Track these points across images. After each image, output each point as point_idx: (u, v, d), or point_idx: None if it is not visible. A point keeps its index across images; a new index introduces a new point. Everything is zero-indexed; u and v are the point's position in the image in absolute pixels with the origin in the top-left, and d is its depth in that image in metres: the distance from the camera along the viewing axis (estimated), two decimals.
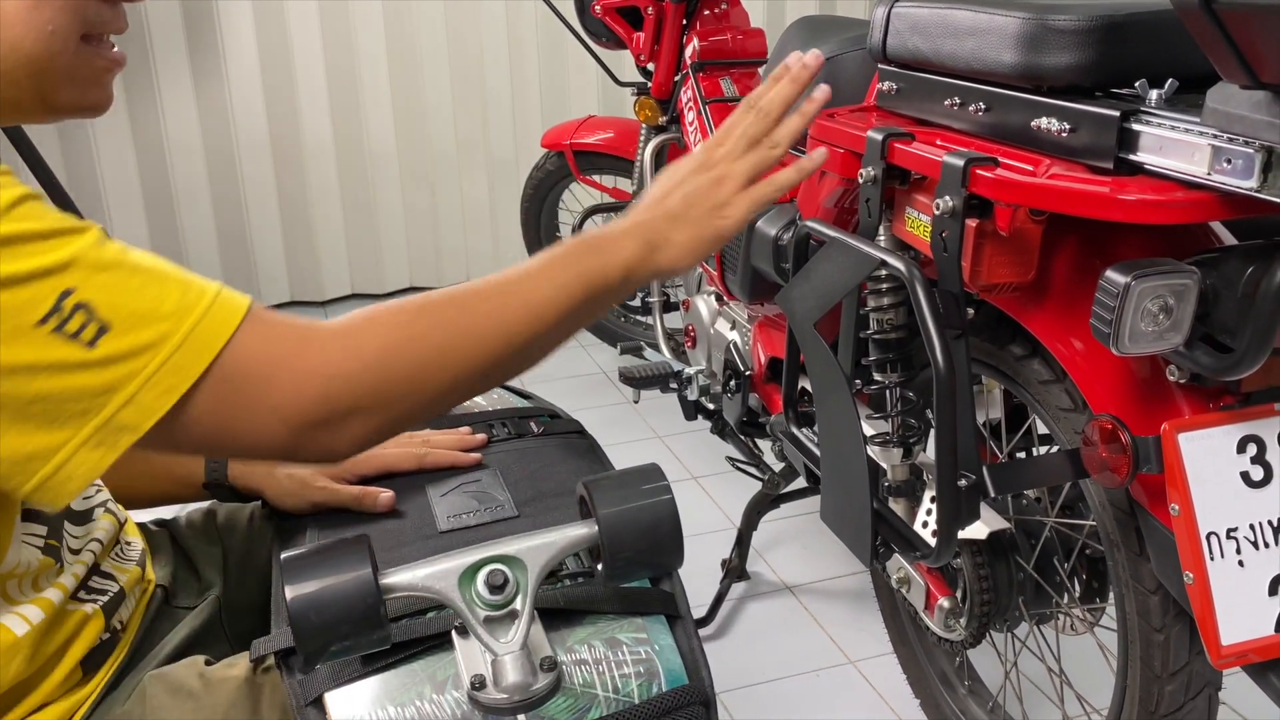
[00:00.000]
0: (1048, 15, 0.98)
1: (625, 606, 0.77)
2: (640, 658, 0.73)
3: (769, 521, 2.01)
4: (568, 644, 0.73)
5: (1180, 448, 0.93)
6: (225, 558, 1.01)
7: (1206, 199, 0.84)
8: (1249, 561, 0.93)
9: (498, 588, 0.68)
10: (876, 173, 1.13)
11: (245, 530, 1.03)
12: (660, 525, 0.71)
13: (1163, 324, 0.88)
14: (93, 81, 0.73)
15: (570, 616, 0.76)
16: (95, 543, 0.84)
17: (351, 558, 0.66)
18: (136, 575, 0.88)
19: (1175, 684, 1.09)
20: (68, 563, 0.80)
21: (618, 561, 0.71)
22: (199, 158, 3.20)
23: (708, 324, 1.97)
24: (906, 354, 1.26)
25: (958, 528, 1.04)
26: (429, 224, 3.45)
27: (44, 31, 0.68)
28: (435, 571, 0.68)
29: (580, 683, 0.70)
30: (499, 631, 0.67)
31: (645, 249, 0.81)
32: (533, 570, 0.69)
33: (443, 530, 0.87)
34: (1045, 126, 0.97)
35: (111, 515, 0.88)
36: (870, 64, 1.30)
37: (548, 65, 3.39)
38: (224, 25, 3.11)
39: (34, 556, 0.77)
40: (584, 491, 0.72)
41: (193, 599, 0.95)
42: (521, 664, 0.67)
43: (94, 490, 0.88)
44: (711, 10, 2.14)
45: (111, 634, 0.83)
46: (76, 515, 0.85)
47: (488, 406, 1.11)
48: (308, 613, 0.64)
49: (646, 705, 0.69)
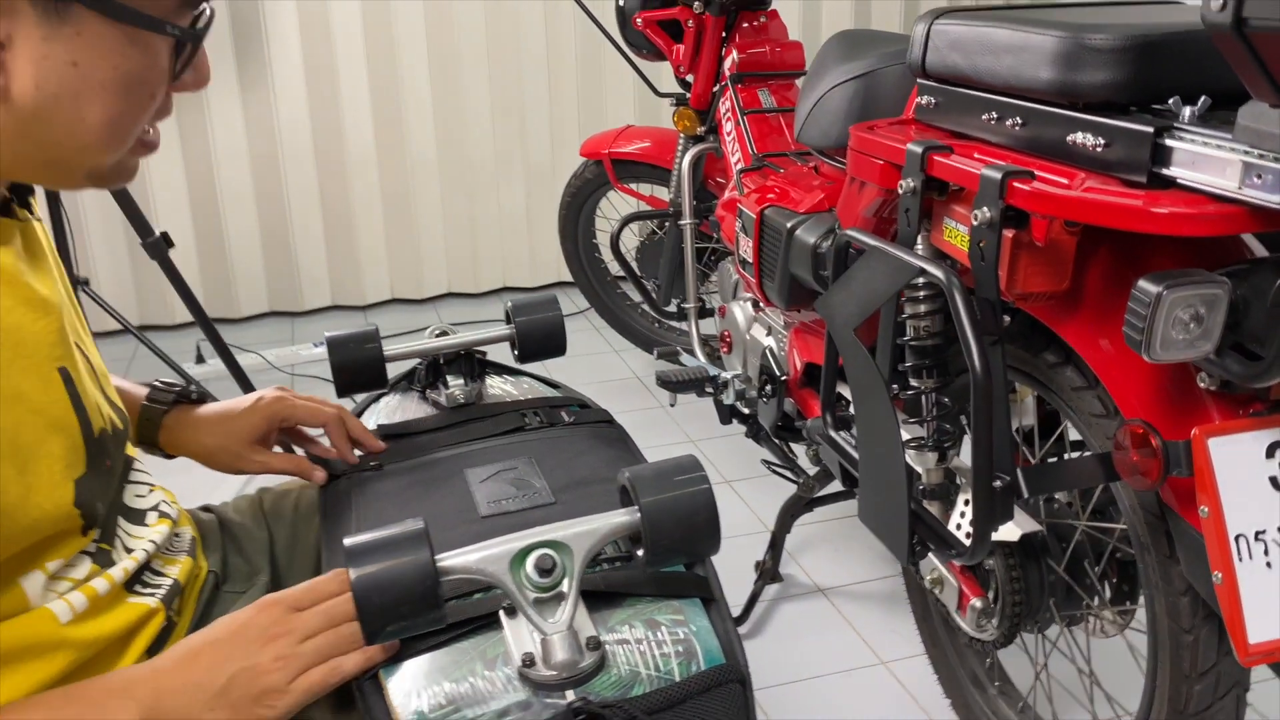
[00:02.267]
0: (1084, 34, 1.02)
1: (663, 590, 0.79)
2: (679, 638, 0.75)
3: (802, 525, 2.05)
4: (609, 625, 0.76)
5: (1210, 452, 0.96)
6: (272, 544, 1.04)
7: (1237, 213, 0.88)
8: (1276, 563, 0.96)
9: (546, 571, 0.72)
10: (916, 184, 1.17)
11: (291, 517, 1.07)
12: (698, 514, 0.75)
13: (1193, 332, 0.92)
14: (128, 166, 0.77)
15: (610, 599, 0.78)
16: (149, 542, 0.87)
17: (411, 542, 0.70)
18: (189, 565, 0.91)
19: (1204, 684, 1.12)
20: (119, 560, 0.83)
21: (658, 548, 0.75)
22: (245, 165, 3.28)
23: (743, 330, 2.00)
24: (942, 360, 1.29)
25: (992, 527, 1.07)
26: (467, 231, 3.51)
27: (116, 139, 0.72)
28: (488, 555, 0.72)
29: (623, 661, 0.73)
30: (547, 612, 0.71)
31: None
32: (579, 555, 0.73)
33: (484, 515, 0.90)
34: (1080, 141, 1.01)
35: (166, 518, 0.91)
36: (908, 78, 1.34)
37: (585, 76, 3.45)
38: (270, 36, 3.19)
39: (85, 565, 0.79)
40: (626, 481, 0.76)
41: (242, 584, 0.98)
42: (569, 643, 0.70)
43: (147, 490, 0.92)
44: (750, 23, 2.19)
45: (169, 623, 0.86)
46: (133, 514, 0.88)
47: (520, 396, 1.15)
48: (371, 593, 0.68)
49: (687, 683, 0.72)
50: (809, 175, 1.83)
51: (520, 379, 1.19)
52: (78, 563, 0.79)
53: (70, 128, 0.68)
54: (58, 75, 0.66)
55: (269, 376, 2.94)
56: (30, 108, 0.66)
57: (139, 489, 0.91)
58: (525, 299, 1.16)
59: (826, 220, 1.58)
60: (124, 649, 0.81)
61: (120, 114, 0.70)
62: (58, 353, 0.76)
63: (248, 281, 3.39)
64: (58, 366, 0.76)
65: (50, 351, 0.75)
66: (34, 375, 0.73)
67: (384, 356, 1.10)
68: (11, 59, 0.64)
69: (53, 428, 0.74)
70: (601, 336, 3.16)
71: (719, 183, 2.41)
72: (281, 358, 3.10)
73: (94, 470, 0.78)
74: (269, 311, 3.47)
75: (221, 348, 2.17)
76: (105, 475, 0.81)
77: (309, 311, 3.49)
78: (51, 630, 0.74)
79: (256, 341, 3.23)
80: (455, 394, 1.12)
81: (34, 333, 0.74)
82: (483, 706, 0.70)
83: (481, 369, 1.17)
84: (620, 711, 0.68)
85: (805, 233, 1.59)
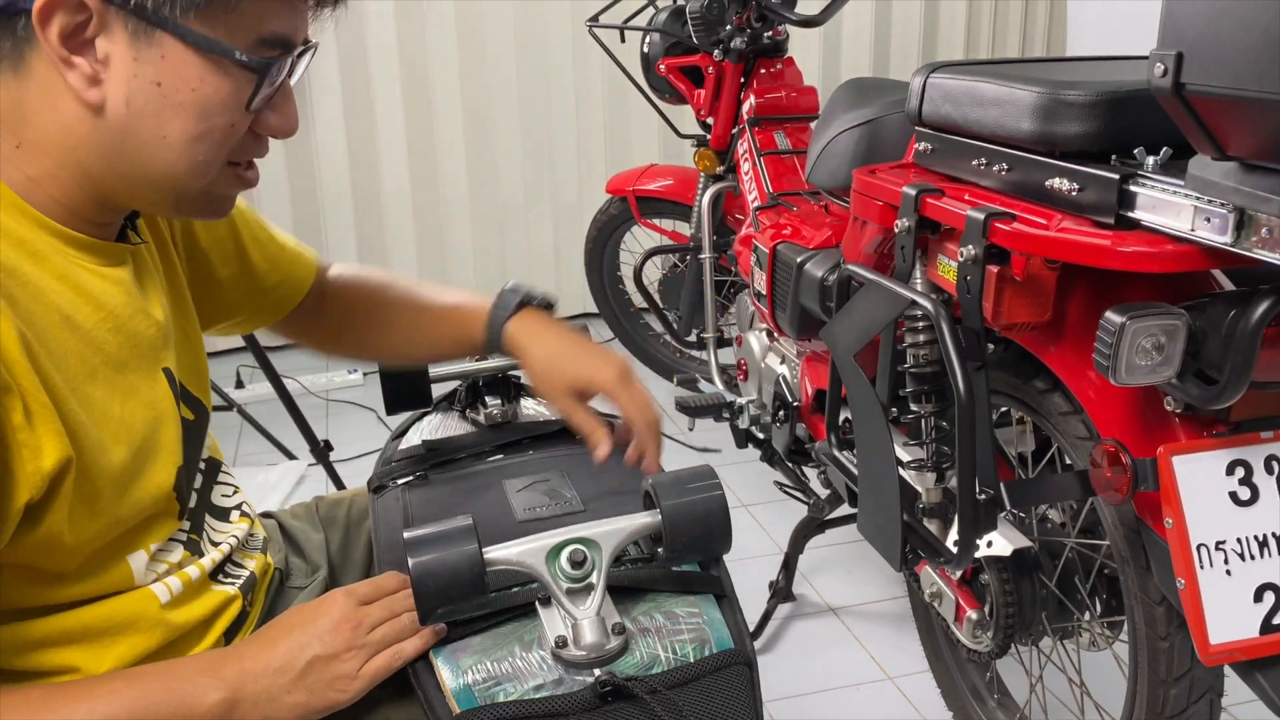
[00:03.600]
0: (1060, 90, 1.13)
1: (680, 586, 0.88)
2: (694, 627, 0.84)
3: (814, 548, 2.13)
4: (632, 614, 0.84)
5: (1175, 469, 1.05)
6: (327, 546, 1.14)
7: (1192, 251, 0.98)
8: (1236, 571, 1.05)
9: (578, 564, 0.81)
10: (910, 223, 1.27)
11: (344, 522, 1.17)
12: (712, 516, 0.85)
13: (1155, 359, 1.01)
14: (223, 197, 0.84)
15: (634, 593, 0.87)
16: (233, 537, 0.98)
17: (462, 536, 0.80)
18: (263, 560, 1.02)
19: (1179, 688, 1.20)
20: (207, 551, 0.94)
21: (676, 546, 0.85)
22: (285, 200, 3.43)
23: (759, 358, 2.11)
24: (940, 386, 1.39)
25: (976, 536, 1.16)
26: (497, 265, 3.64)
27: (196, 160, 0.78)
28: (528, 549, 0.82)
29: (644, 645, 0.82)
30: (578, 601, 0.81)
31: (228, 706, 0.78)
32: (607, 550, 0.83)
33: (520, 520, 0.99)
34: (1057, 186, 1.11)
35: (247, 517, 1.02)
36: (908, 125, 1.45)
37: (611, 118, 3.59)
38: (311, 75, 3.35)
39: (178, 550, 0.90)
40: (649, 487, 0.86)
41: (303, 579, 1.09)
42: (597, 628, 0.80)
43: (232, 492, 1.03)
44: (768, 70, 2.31)
45: (244, 611, 0.96)
46: (219, 511, 0.99)
47: (551, 416, 1.23)
48: (426, 579, 0.78)
49: (700, 663, 0.81)
50: (819, 213, 1.94)
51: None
52: (172, 548, 0.89)
53: (155, 145, 0.77)
54: (144, 94, 0.75)
55: (305, 402, 3.06)
56: (121, 124, 0.76)
57: (225, 489, 1.02)
58: None
59: (833, 255, 1.69)
60: (205, 632, 0.91)
61: (199, 135, 0.76)
62: (162, 355, 0.87)
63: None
64: (162, 367, 0.87)
65: (156, 355, 0.87)
66: (145, 374, 0.84)
67: (429, 378, 1.21)
68: (108, 77, 0.74)
69: (160, 420, 0.85)
70: None
71: (737, 219, 2.52)
72: (316, 384, 3.23)
73: (188, 460, 0.89)
74: None
75: (271, 374, 2.29)
76: (192, 464, 0.92)
77: None
78: (153, 610, 0.85)
79: (293, 368, 3.35)
80: (493, 413, 1.21)
81: (147, 338, 0.85)
82: (520, 682, 0.78)
83: (517, 391, 1.27)
84: (641, 685, 0.77)
85: (814, 267, 1.69)
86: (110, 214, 0.84)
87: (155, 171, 0.78)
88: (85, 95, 0.74)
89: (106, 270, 0.83)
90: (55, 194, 0.79)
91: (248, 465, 2.66)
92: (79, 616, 0.81)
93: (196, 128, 0.76)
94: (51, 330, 0.75)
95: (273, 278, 1.10)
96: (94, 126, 0.76)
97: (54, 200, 0.79)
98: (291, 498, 2.49)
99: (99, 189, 0.79)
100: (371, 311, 1.16)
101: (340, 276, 1.20)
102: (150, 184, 0.79)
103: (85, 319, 0.79)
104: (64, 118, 0.76)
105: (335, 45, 3.32)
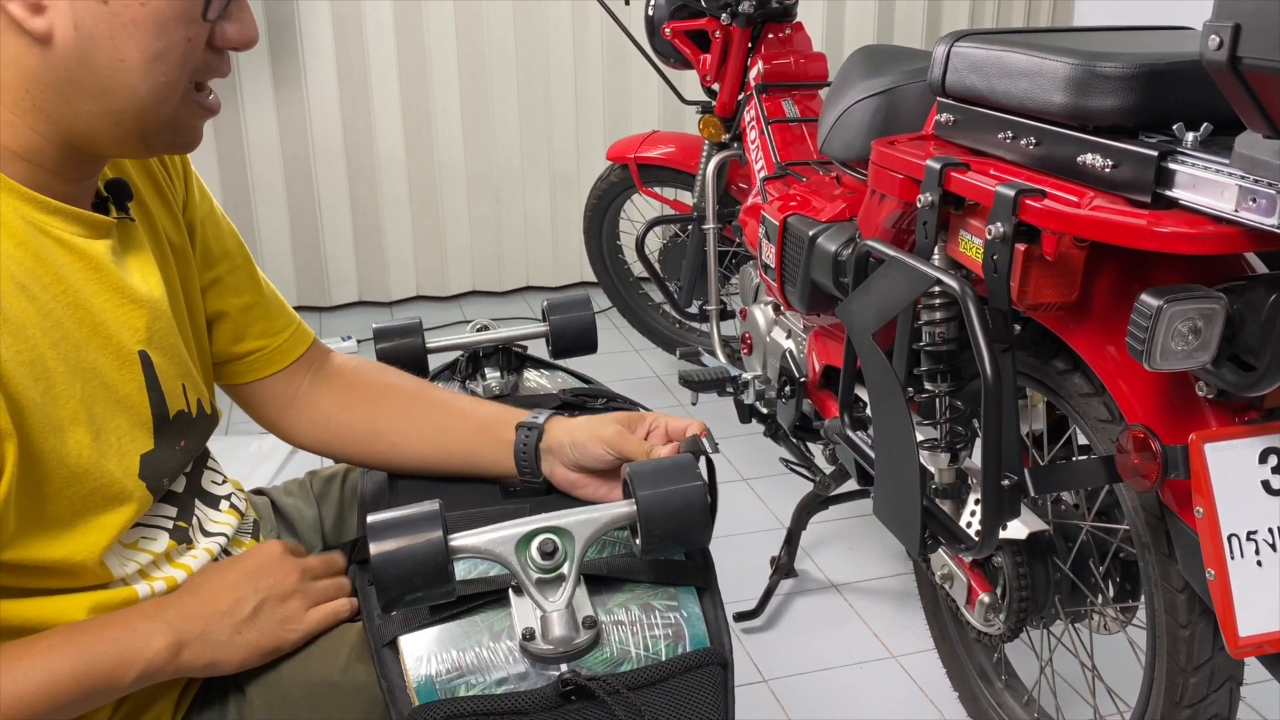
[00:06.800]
0: (1095, 61, 1.08)
1: (660, 577, 0.85)
2: (669, 622, 0.81)
3: (817, 523, 2.11)
4: (608, 606, 0.81)
5: (1206, 456, 1.02)
6: (321, 522, 1.11)
7: (1234, 233, 0.94)
8: (1267, 561, 1.02)
9: (548, 554, 0.77)
10: (934, 198, 1.23)
11: (337, 497, 1.14)
12: (690, 508, 0.80)
13: (1192, 344, 0.98)
14: (188, 126, 0.80)
15: (612, 583, 0.84)
16: (228, 526, 0.95)
17: (427, 522, 0.75)
18: (253, 546, 0.98)
19: (1199, 676, 1.18)
20: (199, 543, 0.90)
21: (651, 538, 0.80)
22: (277, 162, 3.36)
23: (764, 332, 2.07)
24: (956, 365, 1.36)
25: (999, 523, 1.13)
26: (493, 232, 3.59)
27: (158, 82, 0.74)
28: (496, 538, 0.77)
29: (616, 640, 0.78)
30: (548, 592, 0.77)
31: (175, 649, 0.78)
32: (579, 540, 0.78)
33: (502, 501, 0.96)
34: (1090, 162, 1.07)
35: (236, 510, 0.98)
36: (928, 95, 1.40)
37: (611, 82, 3.52)
38: (304, 36, 3.27)
39: (163, 538, 0.86)
40: (626, 476, 0.82)
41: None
42: (566, 621, 0.76)
43: (221, 480, 0.99)
44: (776, 35, 2.25)
45: None
46: (210, 499, 0.95)
47: (551, 388, 1.20)
48: (388, 567, 0.74)
49: (671, 662, 0.77)
50: (831, 185, 1.89)
51: (555, 373, 1.26)
52: (156, 535, 0.86)
53: (112, 70, 0.73)
54: (92, 15, 0.71)
55: None
56: (73, 52, 0.72)
57: (214, 476, 0.98)
58: (560, 298, 1.22)
59: (847, 229, 1.65)
60: None
61: (157, 54, 0.73)
62: (140, 338, 0.82)
63: (277, 276, 3.47)
64: (138, 350, 0.82)
65: (132, 336, 0.82)
66: (109, 354, 0.80)
67: (426, 348, 1.17)
68: (51, 2, 0.70)
69: (122, 404, 0.80)
70: (623, 336, 3.23)
71: (742, 188, 2.47)
72: None
73: (164, 447, 0.84)
74: (296, 306, 3.55)
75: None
76: (177, 454, 0.88)
77: (336, 307, 3.58)
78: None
79: None
80: (492, 385, 1.18)
81: (116, 317, 0.80)
82: (484, 675, 0.75)
83: (520, 362, 1.23)
84: (604, 685, 0.73)
85: (827, 241, 1.65)
86: (78, 168, 0.79)
87: (116, 100, 0.74)
88: (29, 25, 0.70)
89: (79, 241, 0.78)
90: (13, 146, 0.75)
91: (239, 434, 2.61)
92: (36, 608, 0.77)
93: (154, 45, 0.73)
94: (6, 298, 0.71)
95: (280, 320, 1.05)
96: (44, 59, 0.72)
97: (13, 155, 0.75)
98: (284, 469, 2.45)
99: (59, 133, 0.75)
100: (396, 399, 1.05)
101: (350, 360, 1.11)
102: (112, 117, 0.75)
103: (43, 290, 0.75)
104: (10, 54, 0.71)
105: (329, 5, 3.24)
